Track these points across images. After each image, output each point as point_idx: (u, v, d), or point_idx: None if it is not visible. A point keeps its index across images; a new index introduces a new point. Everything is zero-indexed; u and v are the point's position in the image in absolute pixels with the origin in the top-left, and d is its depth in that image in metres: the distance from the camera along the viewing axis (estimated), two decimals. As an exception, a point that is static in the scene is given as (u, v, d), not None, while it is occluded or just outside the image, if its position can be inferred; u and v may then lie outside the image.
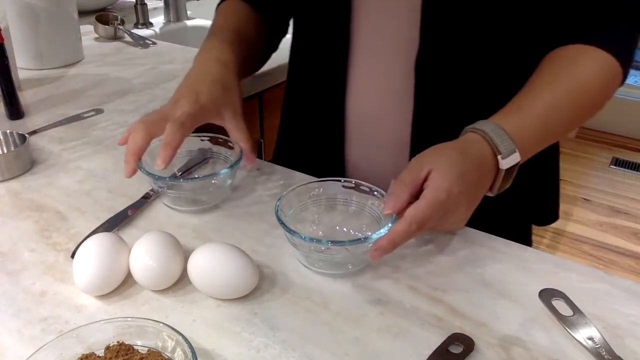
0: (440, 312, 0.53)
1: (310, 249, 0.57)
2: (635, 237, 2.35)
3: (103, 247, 0.55)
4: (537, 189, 0.83)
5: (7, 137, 0.81)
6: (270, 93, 1.24)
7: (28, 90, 1.06)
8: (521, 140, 0.60)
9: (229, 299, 0.55)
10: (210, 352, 0.49)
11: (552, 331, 0.51)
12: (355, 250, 0.56)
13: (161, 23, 1.62)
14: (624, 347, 0.50)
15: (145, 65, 1.22)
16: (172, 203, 0.69)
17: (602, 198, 2.58)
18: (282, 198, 0.61)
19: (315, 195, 0.64)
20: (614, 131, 3.03)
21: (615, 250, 2.27)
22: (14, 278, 0.58)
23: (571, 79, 0.64)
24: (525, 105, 0.63)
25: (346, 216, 0.64)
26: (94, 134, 0.88)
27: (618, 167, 2.82)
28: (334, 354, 0.49)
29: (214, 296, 0.55)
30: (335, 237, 0.63)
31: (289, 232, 0.56)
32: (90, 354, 0.46)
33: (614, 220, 2.44)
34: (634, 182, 2.72)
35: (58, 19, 1.17)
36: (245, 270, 0.54)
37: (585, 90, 0.64)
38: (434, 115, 0.71)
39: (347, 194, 0.64)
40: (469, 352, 0.49)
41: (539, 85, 0.64)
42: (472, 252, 0.61)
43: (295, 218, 0.62)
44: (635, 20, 0.65)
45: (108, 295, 0.55)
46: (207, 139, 0.75)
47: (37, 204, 0.70)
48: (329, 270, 0.58)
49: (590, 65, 0.64)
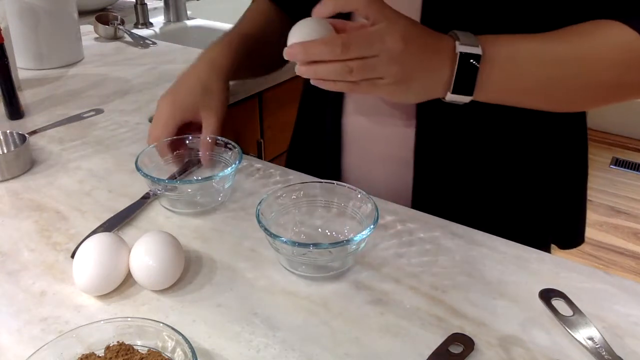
0: (440, 312, 0.53)
1: (293, 253, 0.57)
2: (635, 237, 2.34)
3: (103, 247, 0.55)
4: (562, 210, 0.80)
5: (7, 137, 0.81)
6: (270, 93, 1.24)
7: (28, 90, 1.06)
8: (491, 47, 0.56)
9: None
10: (210, 352, 0.49)
11: (552, 331, 0.51)
12: (338, 252, 0.56)
13: (161, 23, 1.62)
14: (624, 347, 0.50)
15: (145, 65, 1.22)
16: (170, 205, 0.69)
17: (602, 198, 2.58)
18: (263, 202, 0.60)
19: (295, 198, 0.63)
20: (614, 131, 3.03)
21: (615, 250, 2.27)
22: (14, 278, 0.58)
23: (585, 37, 0.58)
24: (515, 37, 0.58)
25: (328, 218, 0.64)
26: (94, 134, 0.88)
27: (618, 167, 2.82)
28: (334, 354, 0.49)
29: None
30: (317, 240, 0.62)
31: (271, 237, 0.55)
32: (90, 354, 0.46)
33: (614, 220, 2.44)
34: (634, 182, 2.72)
35: (58, 19, 1.17)
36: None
37: (598, 53, 0.57)
38: (438, 131, 0.69)
39: (328, 196, 0.63)
40: (469, 352, 0.48)
41: (545, 34, 0.58)
42: (472, 252, 0.61)
43: (276, 222, 0.61)
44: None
45: (108, 295, 0.55)
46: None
47: (37, 204, 0.70)
48: (311, 274, 0.58)
49: (614, 36, 0.57)
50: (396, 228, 0.65)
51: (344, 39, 0.52)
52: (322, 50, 0.52)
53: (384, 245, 0.62)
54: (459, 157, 0.71)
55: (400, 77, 0.54)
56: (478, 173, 0.72)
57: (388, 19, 0.53)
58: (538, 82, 0.59)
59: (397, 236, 0.64)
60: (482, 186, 0.73)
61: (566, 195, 0.79)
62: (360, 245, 0.57)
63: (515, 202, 0.75)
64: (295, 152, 0.91)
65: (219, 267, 0.59)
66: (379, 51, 0.52)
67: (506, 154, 0.72)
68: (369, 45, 0.52)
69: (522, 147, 0.72)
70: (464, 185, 0.72)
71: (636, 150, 2.96)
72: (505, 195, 0.74)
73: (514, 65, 0.58)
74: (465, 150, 0.70)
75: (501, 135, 0.70)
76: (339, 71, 0.52)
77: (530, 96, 0.61)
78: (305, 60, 0.53)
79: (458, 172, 0.72)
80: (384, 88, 0.55)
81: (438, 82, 0.57)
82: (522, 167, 0.73)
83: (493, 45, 0.57)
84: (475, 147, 0.70)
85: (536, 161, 0.73)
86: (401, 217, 0.67)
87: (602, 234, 2.36)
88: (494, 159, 0.71)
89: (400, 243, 0.63)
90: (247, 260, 0.60)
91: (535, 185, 0.75)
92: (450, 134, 0.69)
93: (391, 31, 0.52)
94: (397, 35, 0.52)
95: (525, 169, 0.73)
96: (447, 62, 0.56)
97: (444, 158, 0.71)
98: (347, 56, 0.52)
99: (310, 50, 0.52)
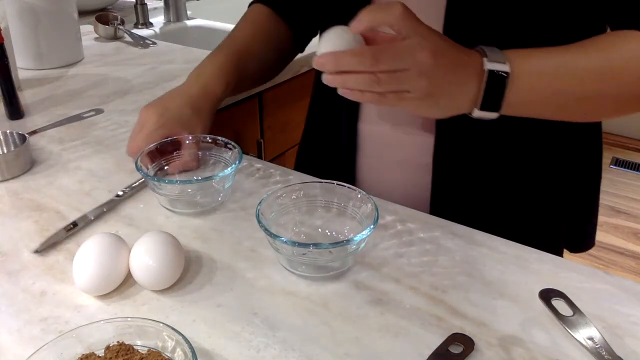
0: (440, 312, 0.53)
1: (293, 253, 0.57)
2: (635, 237, 2.34)
3: (103, 247, 0.55)
4: (575, 214, 0.80)
5: (7, 137, 0.81)
6: (270, 93, 1.24)
7: (28, 90, 1.06)
8: (518, 64, 0.56)
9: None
10: (210, 352, 0.49)
11: (552, 331, 0.51)
12: (338, 252, 0.56)
13: (161, 23, 1.62)
14: (624, 347, 0.50)
15: (145, 65, 1.22)
16: (171, 205, 0.69)
17: (602, 198, 2.57)
18: (263, 202, 0.60)
19: (295, 198, 0.63)
20: (614, 131, 3.03)
21: (615, 250, 2.27)
22: (14, 278, 0.58)
23: (607, 50, 0.58)
24: (540, 51, 0.58)
25: (328, 218, 0.64)
26: (94, 134, 0.88)
27: (618, 167, 2.82)
28: (334, 354, 0.49)
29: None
30: (317, 240, 0.62)
31: (271, 237, 0.55)
32: (90, 354, 0.46)
33: (614, 220, 2.44)
34: (634, 182, 2.72)
35: (58, 19, 1.17)
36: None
37: (621, 67, 0.57)
38: (457, 136, 0.69)
39: (328, 196, 0.63)
40: (469, 352, 0.48)
41: (568, 46, 0.59)
42: (472, 252, 0.61)
43: (276, 222, 0.61)
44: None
45: (108, 295, 0.55)
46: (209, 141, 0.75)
47: (37, 204, 0.70)
48: (311, 274, 0.58)
49: (636, 48, 0.57)
50: (396, 228, 0.65)
51: (375, 51, 0.52)
52: (352, 61, 0.52)
53: (384, 245, 0.62)
54: (478, 163, 0.71)
55: (428, 92, 0.54)
56: (496, 178, 0.72)
57: (420, 34, 0.53)
58: (563, 96, 0.59)
59: (397, 236, 0.64)
60: (499, 191, 0.73)
61: (580, 199, 0.78)
62: (360, 245, 0.57)
63: (532, 206, 0.75)
64: (306, 155, 0.91)
65: (219, 267, 0.59)
66: (408, 65, 0.53)
67: (523, 159, 0.72)
68: (399, 59, 0.52)
69: (539, 152, 0.72)
70: (482, 191, 0.72)
71: (636, 150, 2.96)
72: (522, 201, 0.74)
73: (540, 80, 0.58)
74: (483, 156, 0.70)
75: (519, 141, 0.70)
76: (367, 82, 0.53)
77: (556, 110, 0.61)
78: (335, 70, 0.53)
79: (476, 177, 0.72)
80: (411, 102, 0.55)
81: (465, 98, 0.57)
82: (538, 173, 0.73)
83: (519, 61, 0.57)
84: (493, 153, 0.70)
85: (552, 166, 0.73)
86: (401, 217, 0.67)
87: (602, 234, 2.36)
88: (512, 164, 0.72)
89: (400, 243, 0.63)
90: (247, 260, 0.60)
91: (551, 190, 0.75)
92: (469, 139, 0.69)
93: (422, 46, 0.53)
94: (428, 50, 0.53)
95: (542, 175, 0.73)
96: (475, 78, 0.56)
97: (462, 163, 0.71)
98: (376, 68, 0.52)
99: (340, 61, 0.53)
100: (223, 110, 1.11)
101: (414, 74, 0.53)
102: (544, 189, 0.74)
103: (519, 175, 0.73)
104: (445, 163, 0.71)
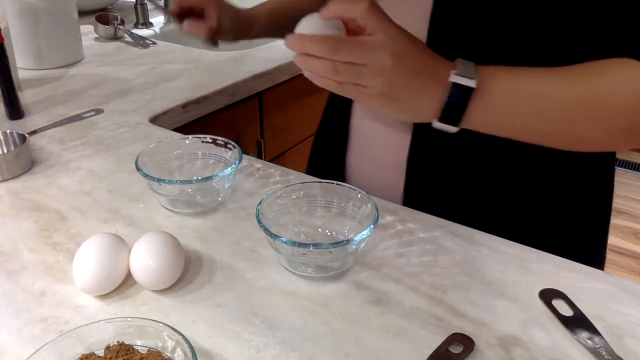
0: (440, 312, 0.53)
1: (293, 253, 0.57)
2: (635, 237, 2.35)
3: (103, 247, 0.55)
4: (583, 231, 0.75)
5: (7, 137, 0.81)
6: (270, 93, 1.24)
7: (28, 90, 1.06)
8: (490, 82, 0.54)
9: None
10: (210, 352, 0.49)
11: (552, 331, 0.51)
12: (338, 252, 0.56)
13: (161, 23, 1.62)
14: (624, 347, 0.50)
15: (145, 65, 1.22)
16: (171, 205, 0.69)
17: (602, 198, 2.58)
18: (263, 202, 0.60)
19: (295, 198, 0.63)
20: (614, 131, 3.03)
21: (615, 250, 2.27)
22: (14, 278, 0.58)
23: (594, 76, 0.54)
24: (520, 71, 0.56)
25: (328, 218, 0.64)
26: (94, 134, 0.88)
27: (618, 167, 2.82)
28: (334, 354, 0.49)
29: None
30: (317, 240, 0.62)
31: (271, 237, 0.55)
32: (90, 354, 0.46)
33: (614, 220, 2.44)
34: (634, 182, 2.72)
35: (58, 19, 1.17)
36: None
37: (605, 98, 0.53)
38: (433, 138, 0.67)
39: (328, 196, 0.63)
40: (469, 352, 0.48)
41: (552, 70, 0.55)
42: (472, 252, 0.61)
43: (276, 222, 0.61)
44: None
45: (108, 295, 0.55)
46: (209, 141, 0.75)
47: (37, 204, 0.70)
48: (311, 274, 0.58)
49: (627, 79, 0.53)
50: (396, 228, 0.65)
51: (336, 41, 0.53)
52: (313, 45, 0.54)
53: (384, 245, 0.62)
54: (452, 166, 0.70)
55: (385, 92, 0.54)
56: (470, 184, 0.70)
57: (386, 33, 0.53)
58: (534, 121, 0.56)
59: (397, 236, 0.64)
60: (473, 197, 0.71)
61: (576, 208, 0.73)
62: (360, 245, 0.57)
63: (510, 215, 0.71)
64: (315, 156, 0.92)
65: (219, 267, 0.59)
66: (367, 61, 0.53)
67: (503, 169, 0.69)
68: (358, 53, 0.53)
69: (524, 164, 0.69)
70: (455, 195, 0.71)
71: (636, 150, 2.96)
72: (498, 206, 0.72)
73: (510, 101, 0.55)
74: (458, 160, 0.70)
75: (497, 149, 0.67)
76: (326, 68, 0.54)
77: (524, 134, 0.58)
78: (300, 52, 0.55)
79: (450, 181, 0.71)
80: (370, 98, 0.56)
81: (428, 107, 0.56)
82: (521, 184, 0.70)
83: (492, 80, 0.55)
84: (468, 157, 0.69)
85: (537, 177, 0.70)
86: (401, 217, 0.67)
87: (602, 234, 2.36)
88: (488, 171, 0.69)
89: (400, 243, 0.63)
90: (247, 260, 0.60)
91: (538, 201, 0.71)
92: (445, 142, 0.68)
93: (385, 45, 0.53)
94: (389, 50, 0.53)
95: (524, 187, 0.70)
96: (439, 89, 0.55)
97: (436, 165, 0.70)
98: (335, 57, 0.53)
99: (304, 44, 0.54)
100: (223, 110, 1.11)
101: (371, 71, 0.53)
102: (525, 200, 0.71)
103: (496, 183, 0.70)
104: (419, 164, 0.70)
